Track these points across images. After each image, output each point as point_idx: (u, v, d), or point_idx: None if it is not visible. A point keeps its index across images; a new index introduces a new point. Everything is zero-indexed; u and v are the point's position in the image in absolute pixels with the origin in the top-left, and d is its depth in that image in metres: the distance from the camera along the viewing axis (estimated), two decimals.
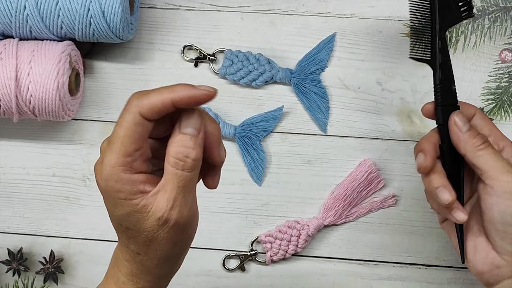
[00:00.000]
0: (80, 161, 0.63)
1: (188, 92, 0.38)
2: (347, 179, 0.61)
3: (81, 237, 0.62)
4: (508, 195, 0.44)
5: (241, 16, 0.64)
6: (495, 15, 0.62)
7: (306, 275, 0.60)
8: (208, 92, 0.38)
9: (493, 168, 0.45)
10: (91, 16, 0.57)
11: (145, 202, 0.37)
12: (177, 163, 0.37)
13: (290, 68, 0.62)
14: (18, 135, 0.64)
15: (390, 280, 0.60)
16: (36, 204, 0.63)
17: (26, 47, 0.58)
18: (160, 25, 0.64)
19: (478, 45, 0.62)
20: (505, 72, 0.62)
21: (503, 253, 0.46)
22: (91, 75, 0.64)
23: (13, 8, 0.57)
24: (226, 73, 0.62)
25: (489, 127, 0.49)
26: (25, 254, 0.61)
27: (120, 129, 0.37)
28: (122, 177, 0.37)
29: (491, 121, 0.50)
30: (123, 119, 0.37)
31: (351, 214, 0.60)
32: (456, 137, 0.47)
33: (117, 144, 0.37)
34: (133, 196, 0.37)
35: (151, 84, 0.63)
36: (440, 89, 0.49)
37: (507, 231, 0.45)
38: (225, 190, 0.62)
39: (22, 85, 0.56)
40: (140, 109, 0.37)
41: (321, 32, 0.63)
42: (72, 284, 0.62)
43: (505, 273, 0.46)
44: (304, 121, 0.62)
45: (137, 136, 0.37)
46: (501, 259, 0.46)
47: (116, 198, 0.38)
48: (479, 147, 0.46)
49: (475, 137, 0.47)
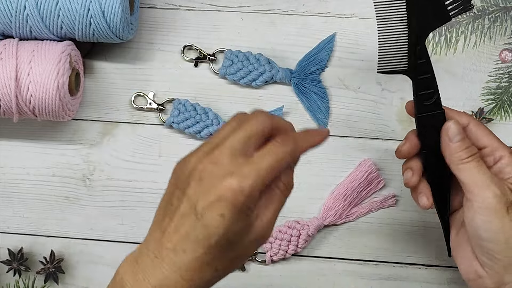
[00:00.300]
0: (80, 161, 0.63)
1: (312, 144, 0.43)
2: (347, 179, 0.61)
3: (81, 237, 0.62)
4: (484, 210, 0.45)
5: (241, 16, 0.64)
6: (495, 15, 0.62)
7: (306, 275, 0.60)
8: (325, 136, 0.44)
9: (474, 183, 0.45)
10: (91, 16, 0.57)
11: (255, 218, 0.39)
12: (286, 190, 0.41)
13: (290, 68, 0.62)
14: (18, 135, 0.64)
15: (390, 280, 0.60)
16: (36, 204, 0.63)
17: (26, 47, 0.58)
18: (160, 25, 0.64)
19: (478, 45, 0.62)
20: (505, 72, 0.62)
21: (483, 265, 0.46)
22: (91, 75, 0.64)
23: (13, 8, 0.57)
24: (226, 73, 0.62)
25: (487, 137, 0.48)
26: (26, 254, 0.62)
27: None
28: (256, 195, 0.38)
29: (487, 129, 0.49)
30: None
31: (351, 214, 0.60)
32: (444, 146, 0.48)
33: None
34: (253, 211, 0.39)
35: (151, 84, 0.63)
36: (418, 99, 0.48)
37: (483, 246, 0.45)
38: None
39: (22, 85, 0.56)
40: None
41: (321, 32, 0.63)
42: (73, 284, 0.62)
43: (487, 284, 0.46)
44: (304, 121, 0.62)
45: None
46: (483, 270, 0.46)
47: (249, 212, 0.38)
48: (463, 161, 0.46)
49: (462, 150, 0.47)
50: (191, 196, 0.39)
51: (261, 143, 0.40)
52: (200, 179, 0.38)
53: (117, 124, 0.63)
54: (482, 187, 0.45)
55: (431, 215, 0.59)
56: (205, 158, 0.39)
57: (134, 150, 0.63)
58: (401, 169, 0.61)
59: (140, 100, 0.63)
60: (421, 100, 0.48)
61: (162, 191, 0.62)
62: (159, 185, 0.62)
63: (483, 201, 0.45)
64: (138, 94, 0.63)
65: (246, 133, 0.40)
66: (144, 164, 0.62)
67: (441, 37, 0.62)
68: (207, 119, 0.61)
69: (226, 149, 0.39)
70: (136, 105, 0.63)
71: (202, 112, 0.61)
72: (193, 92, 0.63)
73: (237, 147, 0.39)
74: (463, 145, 0.47)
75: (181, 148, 0.62)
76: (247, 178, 0.37)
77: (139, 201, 0.62)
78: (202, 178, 0.38)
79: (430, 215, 0.60)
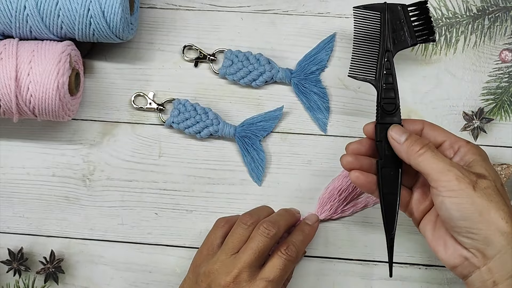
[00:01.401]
0: (80, 161, 0.63)
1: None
2: (342, 173, 0.61)
3: (81, 237, 0.62)
4: (451, 192, 0.46)
5: (241, 16, 0.64)
6: (495, 15, 0.62)
7: (306, 275, 0.60)
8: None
9: (434, 170, 0.48)
10: (91, 16, 0.57)
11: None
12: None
13: (290, 68, 0.62)
14: (18, 135, 0.64)
15: (390, 280, 0.60)
16: (36, 204, 0.63)
17: (26, 47, 0.58)
18: (160, 25, 0.64)
19: (478, 45, 0.62)
20: (505, 72, 0.62)
21: (467, 246, 0.47)
22: (91, 75, 0.64)
23: (13, 8, 0.57)
24: (226, 73, 0.62)
25: (442, 134, 0.52)
26: (26, 254, 0.62)
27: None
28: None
29: (441, 128, 0.52)
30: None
31: (347, 209, 0.60)
32: (397, 150, 0.51)
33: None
34: None
35: (151, 84, 0.63)
36: (381, 109, 0.53)
37: (459, 226, 0.47)
38: (225, 190, 0.62)
39: (22, 85, 0.56)
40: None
41: (321, 32, 0.63)
42: (73, 284, 0.62)
43: (475, 263, 0.47)
44: (304, 121, 0.62)
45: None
46: (467, 252, 0.47)
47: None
48: (418, 153, 0.49)
49: (413, 145, 0.49)
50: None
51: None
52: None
53: (117, 124, 0.63)
54: (443, 172, 0.47)
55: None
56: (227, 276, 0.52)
57: (134, 150, 0.63)
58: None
59: (140, 100, 0.63)
60: (383, 109, 0.53)
61: (162, 191, 0.62)
62: (159, 185, 0.62)
63: (447, 184, 0.47)
64: (138, 94, 0.63)
65: (258, 252, 0.52)
66: (144, 164, 0.62)
67: (441, 37, 0.62)
68: (207, 119, 0.61)
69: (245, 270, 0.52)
70: (136, 105, 0.63)
71: (202, 112, 0.61)
72: (193, 92, 0.63)
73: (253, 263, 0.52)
74: (412, 140, 0.50)
75: (181, 148, 0.63)
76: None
77: (139, 201, 0.62)
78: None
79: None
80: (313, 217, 0.59)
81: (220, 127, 0.61)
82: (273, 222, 0.54)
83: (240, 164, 0.62)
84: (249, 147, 0.61)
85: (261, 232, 0.53)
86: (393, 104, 0.53)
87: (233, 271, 0.51)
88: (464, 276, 0.49)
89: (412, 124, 0.53)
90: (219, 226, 0.57)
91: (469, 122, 0.61)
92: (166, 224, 0.62)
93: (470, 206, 0.46)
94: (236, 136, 0.61)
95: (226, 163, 0.62)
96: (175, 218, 0.62)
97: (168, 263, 0.61)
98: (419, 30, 0.55)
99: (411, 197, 0.53)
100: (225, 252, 0.53)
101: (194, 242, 0.61)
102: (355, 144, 0.54)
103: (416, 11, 0.56)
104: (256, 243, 0.53)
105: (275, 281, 0.52)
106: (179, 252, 0.61)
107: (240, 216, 0.56)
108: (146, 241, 0.62)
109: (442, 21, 0.63)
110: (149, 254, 0.62)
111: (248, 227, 0.54)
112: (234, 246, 0.53)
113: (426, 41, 0.55)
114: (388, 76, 0.53)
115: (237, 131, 0.61)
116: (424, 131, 0.52)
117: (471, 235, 0.46)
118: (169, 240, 0.62)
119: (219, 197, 0.62)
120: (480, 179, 0.47)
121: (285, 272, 0.53)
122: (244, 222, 0.55)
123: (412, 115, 0.62)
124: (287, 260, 0.53)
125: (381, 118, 0.53)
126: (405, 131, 0.51)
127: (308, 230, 0.57)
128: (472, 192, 0.46)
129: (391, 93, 0.53)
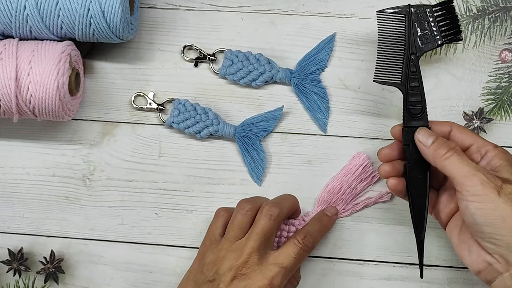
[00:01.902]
0: (80, 161, 0.63)
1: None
2: (341, 172, 0.61)
3: (81, 237, 0.62)
4: (475, 197, 0.46)
5: (241, 16, 0.64)
6: (495, 15, 0.62)
7: (306, 275, 0.60)
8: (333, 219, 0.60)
9: (460, 174, 0.47)
10: (91, 16, 0.57)
11: None
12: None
13: (290, 68, 0.62)
14: (18, 135, 0.64)
15: (390, 280, 0.60)
16: (36, 204, 0.63)
17: (26, 47, 0.58)
18: (160, 25, 0.64)
19: (478, 45, 0.62)
20: (505, 72, 0.62)
21: (490, 252, 0.47)
22: (91, 75, 0.64)
23: (13, 8, 0.57)
24: (226, 73, 0.62)
25: (470, 137, 0.51)
26: (26, 254, 0.62)
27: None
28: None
29: (470, 130, 0.52)
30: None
31: (346, 209, 0.60)
32: (424, 153, 0.51)
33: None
34: None
35: (151, 84, 0.63)
36: (408, 112, 0.53)
37: (483, 231, 0.47)
38: (225, 190, 0.62)
39: (22, 85, 0.56)
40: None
41: (321, 32, 0.63)
42: (73, 284, 0.62)
43: (498, 269, 0.47)
44: (304, 121, 0.62)
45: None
46: (491, 257, 0.47)
47: None
48: (445, 156, 0.49)
49: (439, 148, 0.49)
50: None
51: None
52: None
53: (117, 124, 0.63)
54: (468, 177, 0.47)
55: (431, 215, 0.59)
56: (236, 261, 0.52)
57: (134, 150, 0.63)
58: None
59: (140, 100, 0.63)
60: (409, 112, 0.53)
61: (162, 191, 0.62)
62: (159, 185, 0.62)
63: (472, 189, 0.46)
64: (138, 94, 0.63)
65: (264, 234, 0.52)
66: (144, 164, 0.62)
67: None
68: (207, 119, 0.61)
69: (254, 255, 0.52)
70: (136, 105, 0.63)
71: (202, 112, 0.61)
72: (193, 92, 0.63)
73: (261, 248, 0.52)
74: (439, 143, 0.50)
75: (181, 148, 0.63)
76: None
77: (139, 201, 0.62)
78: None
79: (430, 215, 0.60)
80: (332, 209, 0.59)
81: (220, 127, 0.61)
82: (276, 203, 0.54)
83: (240, 164, 0.62)
84: (249, 147, 0.61)
85: (264, 214, 0.53)
86: (419, 107, 0.52)
87: (242, 256, 0.51)
88: (488, 281, 0.48)
89: (440, 126, 0.52)
90: (219, 215, 0.56)
91: (469, 122, 0.61)
92: (166, 224, 0.62)
93: (493, 211, 0.46)
94: (236, 136, 0.61)
95: (226, 163, 0.62)
96: (175, 218, 0.62)
97: (168, 263, 0.61)
98: (446, 30, 0.55)
99: (437, 199, 0.53)
100: (228, 239, 0.53)
101: (194, 242, 0.61)
102: (387, 149, 0.54)
103: (442, 11, 0.55)
104: (261, 226, 0.52)
105: (288, 268, 0.52)
106: (179, 252, 0.61)
107: (238, 203, 0.56)
108: (146, 241, 0.62)
109: None
110: (149, 254, 0.62)
111: (247, 212, 0.54)
112: (235, 233, 0.53)
113: (453, 41, 0.55)
114: (413, 79, 0.53)
115: (237, 131, 0.61)
116: (452, 134, 0.52)
117: (494, 240, 0.46)
118: (169, 240, 0.62)
119: (219, 197, 0.62)
120: (505, 184, 0.47)
121: (298, 260, 0.53)
122: (242, 208, 0.54)
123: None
124: (302, 249, 0.53)
125: (407, 121, 0.53)
126: (431, 134, 0.51)
127: (326, 221, 0.58)
128: (496, 197, 0.46)
129: (417, 96, 0.53)
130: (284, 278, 0.51)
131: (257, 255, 0.51)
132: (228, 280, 0.51)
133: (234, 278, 0.51)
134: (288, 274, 0.52)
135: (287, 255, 0.52)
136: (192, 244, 0.61)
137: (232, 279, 0.51)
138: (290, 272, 0.52)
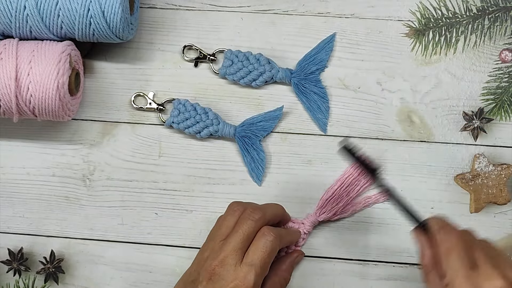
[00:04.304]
0: (80, 161, 0.63)
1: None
2: (341, 175, 0.61)
3: (81, 237, 0.62)
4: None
5: (241, 16, 0.64)
6: (495, 15, 0.62)
7: (306, 275, 0.60)
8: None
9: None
10: (91, 16, 0.57)
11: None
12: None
13: (290, 68, 0.62)
14: (18, 135, 0.64)
15: (390, 280, 0.60)
16: (36, 204, 0.63)
17: (26, 47, 0.58)
18: (160, 25, 0.64)
19: (478, 45, 0.62)
20: (505, 72, 0.62)
21: None
22: (91, 75, 0.64)
23: (13, 8, 0.57)
24: (226, 73, 0.62)
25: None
26: (26, 254, 0.62)
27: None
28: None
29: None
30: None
31: (346, 210, 0.60)
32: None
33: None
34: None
35: (151, 84, 0.63)
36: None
37: None
38: (225, 190, 0.62)
39: (22, 85, 0.56)
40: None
41: (321, 32, 0.63)
42: (73, 284, 0.62)
43: None
44: (304, 121, 0.62)
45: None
46: None
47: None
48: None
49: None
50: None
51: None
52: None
53: (117, 124, 0.63)
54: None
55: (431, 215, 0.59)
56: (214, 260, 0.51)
57: (134, 150, 0.63)
58: (401, 169, 0.61)
59: (140, 100, 0.63)
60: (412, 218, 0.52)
61: (162, 191, 0.62)
62: (159, 185, 0.62)
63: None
64: (138, 94, 0.63)
65: (244, 235, 0.52)
66: (144, 164, 0.62)
67: (441, 37, 0.62)
68: (207, 119, 0.61)
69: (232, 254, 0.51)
70: (136, 105, 0.63)
71: (202, 112, 0.61)
72: (193, 92, 0.63)
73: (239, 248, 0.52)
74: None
75: (181, 148, 0.63)
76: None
77: (139, 201, 0.62)
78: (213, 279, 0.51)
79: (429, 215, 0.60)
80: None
81: (220, 127, 0.61)
82: (259, 207, 0.54)
83: (240, 164, 0.62)
84: (249, 147, 0.61)
85: (247, 215, 0.53)
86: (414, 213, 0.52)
87: (220, 256, 0.51)
88: None
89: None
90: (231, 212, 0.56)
91: (469, 122, 0.61)
92: (166, 224, 0.62)
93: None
94: (236, 136, 0.61)
95: (226, 163, 0.62)
96: (175, 218, 0.62)
97: (168, 263, 0.61)
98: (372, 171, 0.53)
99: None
100: (213, 240, 0.53)
101: (194, 242, 0.61)
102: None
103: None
104: (241, 227, 0.52)
105: (258, 265, 0.51)
106: (179, 252, 0.61)
107: (228, 205, 0.56)
108: (146, 241, 0.62)
109: (442, 21, 0.63)
110: (149, 254, 0.62)
111: (234, 213, 0.54)
112: (221, 233, 0.53)
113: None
114: (394, 197, 0.52)
115: (237, 131, 0.61)
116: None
117: None
118: (169, 240, 0.62)
119: (219, 197, 0.62)
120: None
121: (267, 254, 0.51)
122: (232, 209, 0.54)
123: (412, 115, 0.62)
124: (268, 240, 0.52)
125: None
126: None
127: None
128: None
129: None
130: (258, 276, 0.51)
131: (235, 256, 0.51)
132: (204, 281, 0.51)
133: (210, 279, 0.51)
134: (261, 272, 0.51)
135: (255, 250, 0.51)
136: (192, 244, 0.61)
137: (208, 279, 0.51)
138: (263, 269, 0.51)
